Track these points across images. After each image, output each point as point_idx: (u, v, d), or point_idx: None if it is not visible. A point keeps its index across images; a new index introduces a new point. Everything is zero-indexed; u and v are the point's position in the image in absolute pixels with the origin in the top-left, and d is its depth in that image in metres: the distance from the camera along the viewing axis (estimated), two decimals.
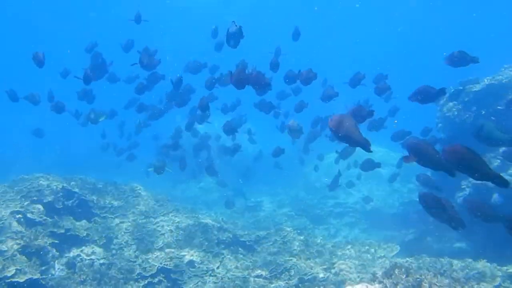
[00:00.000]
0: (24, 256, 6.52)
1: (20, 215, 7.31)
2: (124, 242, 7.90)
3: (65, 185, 8.46)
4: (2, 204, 7.46)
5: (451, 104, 9.38)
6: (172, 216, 8.94)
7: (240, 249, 8.46)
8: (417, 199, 4.33)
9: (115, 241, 7.91)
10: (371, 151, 4.07)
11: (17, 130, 21.62)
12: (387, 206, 14.33)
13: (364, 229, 13.72)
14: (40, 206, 7.67)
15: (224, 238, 8.49)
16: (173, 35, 33.70)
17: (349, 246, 8.81)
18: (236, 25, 5.73)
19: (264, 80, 5.66)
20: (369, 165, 8.82)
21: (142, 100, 9.99)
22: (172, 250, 7.74)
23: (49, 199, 7.94)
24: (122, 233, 8.08)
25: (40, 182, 8.32)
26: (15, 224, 7.05)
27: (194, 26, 32.73)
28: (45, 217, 7.52)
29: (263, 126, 16.82)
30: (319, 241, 9.18)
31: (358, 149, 4.39)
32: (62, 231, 7.41)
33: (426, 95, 5.26)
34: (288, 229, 9.22)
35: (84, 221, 8.16)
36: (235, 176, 15.02)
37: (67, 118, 11.15)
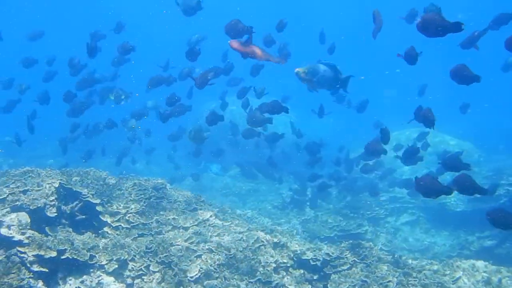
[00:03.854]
0: None
1: None
2: (144, 267, 5.46)
3: (63, 181, 6.07)
4: None
5: None
6: (210, 225, 6.47)
7: (306, 274, 5.96)
8: None
9: (131, 265, 5.48)
10: None
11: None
12: (452, 202, 11.90)
13: (427, 230, 11.43)
14: (23, 216, 5.28)
15: (285, 261, 5.97)
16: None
17: (460, 273, 6.20)
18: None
19: None
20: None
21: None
22: (214, 282, 5.26)
23: (39, 204, 5.55)
24: (142, 253, 5.63)
25: (28, 179, 5.95)
26: None
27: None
28: (29, 233, 5.13)
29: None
30: (410, 261, 6.63)
31: None
32: (54, 253, 5.00)
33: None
34: (367, 244, 6.67)
35: (89, 234, 5.78)
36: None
37: None
